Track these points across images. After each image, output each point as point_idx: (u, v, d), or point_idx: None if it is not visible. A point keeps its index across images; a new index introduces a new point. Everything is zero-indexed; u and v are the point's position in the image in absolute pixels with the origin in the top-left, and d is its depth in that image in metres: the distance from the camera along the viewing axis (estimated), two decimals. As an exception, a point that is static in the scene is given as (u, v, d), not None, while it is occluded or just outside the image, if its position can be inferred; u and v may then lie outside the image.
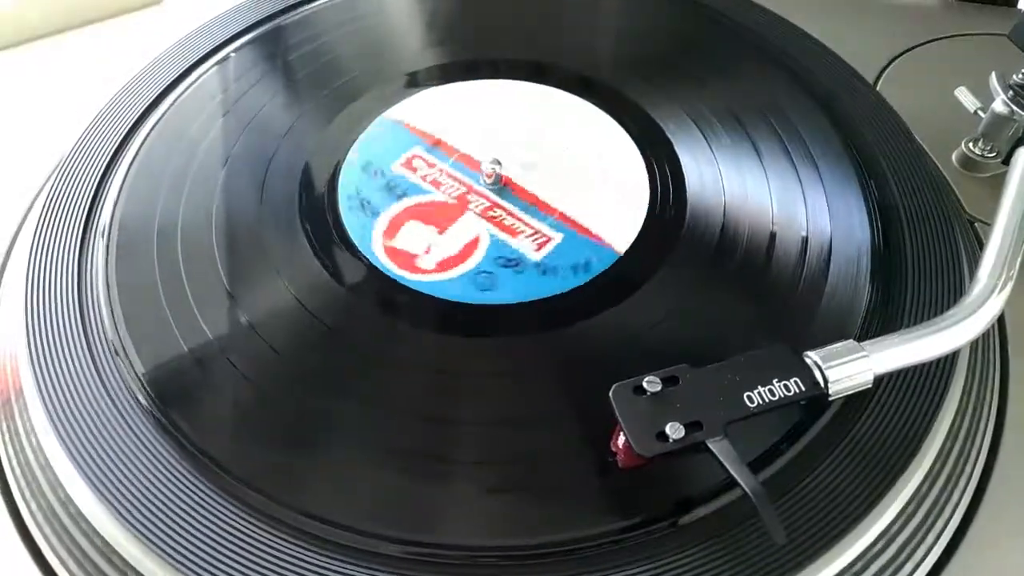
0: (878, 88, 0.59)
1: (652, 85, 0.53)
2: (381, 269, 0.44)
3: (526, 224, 0.46)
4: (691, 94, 0.52)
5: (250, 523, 0.35)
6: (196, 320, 0.42)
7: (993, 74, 0.51)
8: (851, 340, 0.37)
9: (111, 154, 0.49)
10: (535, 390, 0.40)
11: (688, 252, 0.45)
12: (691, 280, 0.44)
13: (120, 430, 0.38)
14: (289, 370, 0.41)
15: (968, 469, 0.40)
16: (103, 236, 0.45)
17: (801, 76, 0.53)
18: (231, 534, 0.35)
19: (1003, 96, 0.50)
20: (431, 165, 0.49)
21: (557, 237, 0.46)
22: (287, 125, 0.51)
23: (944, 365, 0.40)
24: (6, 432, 0.41)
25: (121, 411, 0.39)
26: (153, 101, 0.53)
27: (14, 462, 0.41)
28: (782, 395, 0.34)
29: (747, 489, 0.31)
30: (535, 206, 0.47)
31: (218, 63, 0.55)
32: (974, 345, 0.42)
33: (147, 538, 0.35)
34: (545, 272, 0.44)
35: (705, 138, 0.50)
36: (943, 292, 0.43)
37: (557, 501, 0.36)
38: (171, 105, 0.52)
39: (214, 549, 0.34)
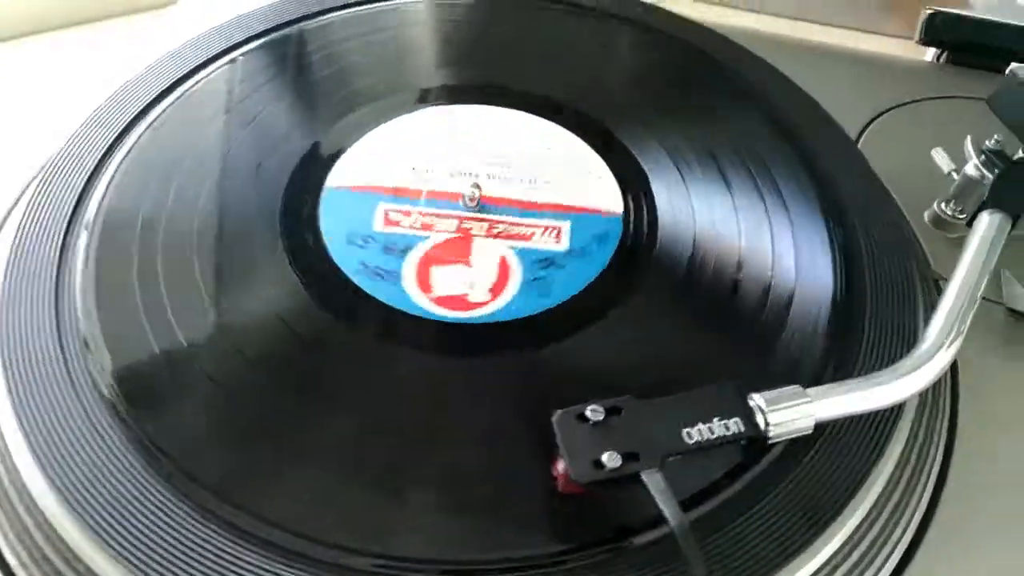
0: (862, 141, 0.60)
1: (630, 117, 0.55)
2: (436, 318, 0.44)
3: (532, 226, 0.48)
4: (671, 131, 0.54)
5: (212, 531, 0.36)
6: (169, 322, 0.42)
7: (968, 138, 0.53)
8: (797, 386, 0.38)
9: (105, 149, 0.50)
10: (498, 411, 0.41)
11: (655, 282, 0.46)
12: (655, 309, 0.45)
13: (83, 426, 0.39)
14: (268, 384, 0.41)
15: (905, 521, 0.41)
16: (87, 228, 0.46)
17: (780, 122, 0.55)
18: (194, 542, 0.35)
19: (975, 160, 0.51)
20: (407, 213, 0.49)
21: (565, 224, 0.48)
22: (280, 134, 0.53)
23: (889, 416, 0.41)
24: None
25: (85, 406, 0.39)
26: (153, 99, 0.54)
27: None
28: (721, 434, 0.35)
29: (671, 521, 0.32)
30: (528, 209, 0.49)
31: (222, 66, 0.57)
32: (923, 398, 0.43)
33: (105, 539, 0.35)
34: (582, 254, 0.47)
35: (680, 174, 0.51)
36: (897, 344, 0.44)
37: (510, 520, 0.37)
38: (170, 105, 0.54)
39: (176, 556, 0.35)
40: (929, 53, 0.69)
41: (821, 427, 0.39)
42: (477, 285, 0.45)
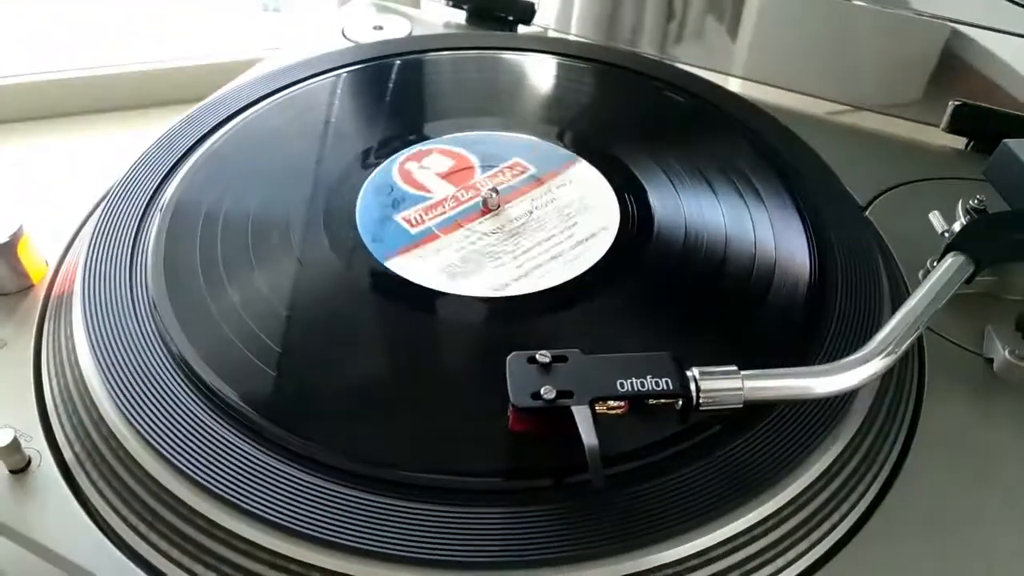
0: (874, 204, 0.64)
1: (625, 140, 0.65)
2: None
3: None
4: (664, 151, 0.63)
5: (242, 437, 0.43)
6: (224, 287, 0.51)
7: (960, 200, 0.57)
8: (733, 366, 0.42)
9: (186, 149, 0.62)
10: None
11: (650, 268, 0.54)
12: (648, 292, 0.53)
13: (145, 352, 0.47)
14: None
15: (835, 517, 0.44)
16: (161, 210, 0.56)
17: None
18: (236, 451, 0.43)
19: (962, 220, 0.55)
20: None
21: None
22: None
23: (831, 416, 0.45)
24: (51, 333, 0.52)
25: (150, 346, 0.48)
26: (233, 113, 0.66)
27: (51, 355, 0.51)
28: (651, 389, 0.40)
29: (584, 441, 0.37)
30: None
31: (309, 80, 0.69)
32: (875, 411, 0.47)
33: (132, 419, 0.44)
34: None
35: (669, 179, 0.60)
36: (861, 326, 0.50)
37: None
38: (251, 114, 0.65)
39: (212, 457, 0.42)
40: (957, 141, 0.73)
41: (763, 411, 0.44)
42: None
